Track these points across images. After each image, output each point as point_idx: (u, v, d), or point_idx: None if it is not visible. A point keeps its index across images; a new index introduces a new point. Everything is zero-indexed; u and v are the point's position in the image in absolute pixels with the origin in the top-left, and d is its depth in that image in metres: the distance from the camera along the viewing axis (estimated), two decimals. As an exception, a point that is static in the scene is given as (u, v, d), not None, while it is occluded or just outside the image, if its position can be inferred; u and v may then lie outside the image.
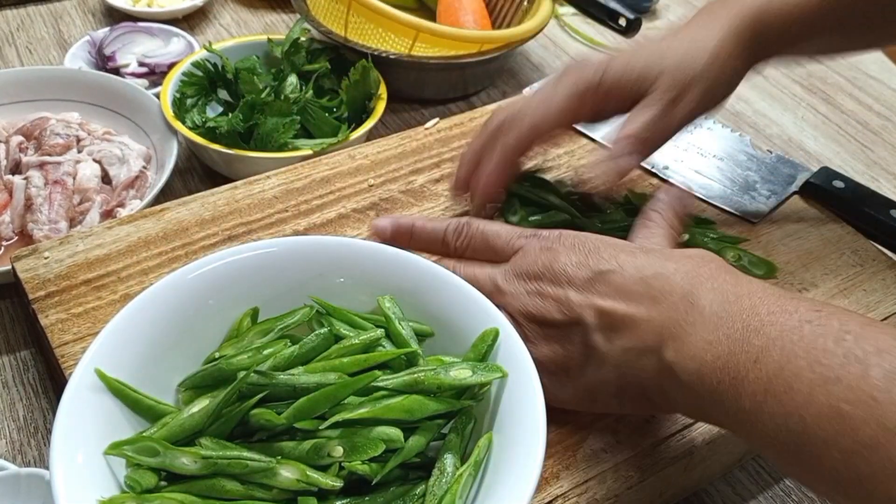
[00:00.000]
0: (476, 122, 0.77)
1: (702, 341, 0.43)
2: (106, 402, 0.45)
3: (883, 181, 0.87)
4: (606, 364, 0.47)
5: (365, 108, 0.83)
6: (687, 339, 0.43)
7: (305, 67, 0.86)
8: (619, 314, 0.46)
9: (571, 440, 0.52)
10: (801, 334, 0.40)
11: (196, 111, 0.81)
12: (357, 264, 0.52)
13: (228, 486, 0.43)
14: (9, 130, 0.78)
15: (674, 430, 0.53)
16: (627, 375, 0.47)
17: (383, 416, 0.45)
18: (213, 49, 0.84)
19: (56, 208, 0.71)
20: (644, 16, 1.10)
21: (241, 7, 1.06)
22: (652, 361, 0.45)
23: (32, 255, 0.61)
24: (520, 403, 0.45)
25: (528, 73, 1.00)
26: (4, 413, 0.60)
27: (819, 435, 0.38)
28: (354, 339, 0.49)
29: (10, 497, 0.51)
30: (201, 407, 0.45)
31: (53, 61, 0.95)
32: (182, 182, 0.80)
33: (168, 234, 0.63)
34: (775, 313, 0.42)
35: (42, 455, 0.58)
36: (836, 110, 0.97)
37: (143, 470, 0.43)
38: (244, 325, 0.51)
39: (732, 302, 0.43)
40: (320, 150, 0.75)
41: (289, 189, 0.68)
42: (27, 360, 0.64)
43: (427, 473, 0.45)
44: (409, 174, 0.71)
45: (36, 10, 1.03)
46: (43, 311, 0.57)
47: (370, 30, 0.87)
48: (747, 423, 0.41)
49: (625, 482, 0.50)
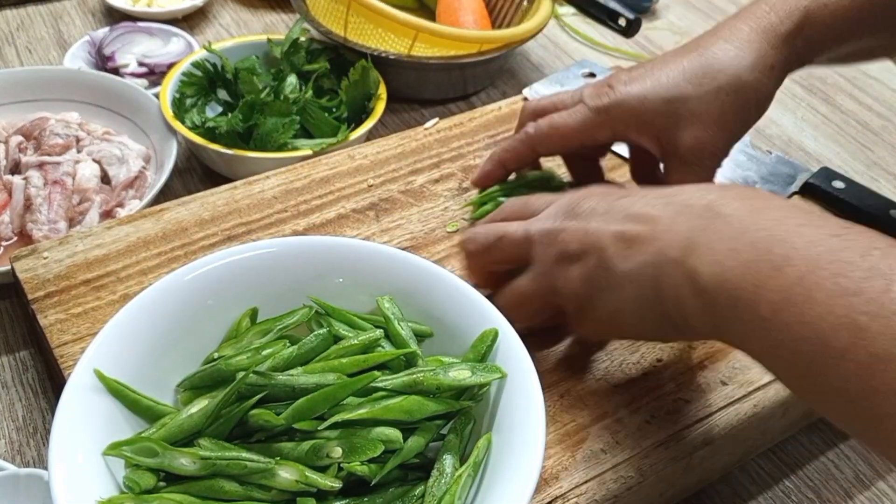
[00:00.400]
0: (476, 122, 0.77)
1: (725, 248, 0.42)
2: (105, 403, 0.45)
3: (883, 181, 0.87)
4: (626, 285, 0.47)
5: (364, 108, 0.83)
6: (711, 245, 0.43)
7: (305, 67, 0.86)
8: (635, 232, 0.47)
9: (571, 440, 0.52)
10: (827, 246, 0.39)
11: (196, 111, 0.81)
12: (356, 264, 0.52)
13: (227, 487, 0.43)
14: (8, 130, 0.78)
15: (674, 431, 0.53)
16: (647, 294, 0.46)
17: (382, 417, 0.45)
18: (212, 49, 0.84)
19: (55, 208, 0.71)
20: (644, 16, 1.10)
21: (241, 7, 1.06)
22: (672, 273, 0.45)
23: (32, 256, 0.61)
24: (519, 404, 0.45)
25: (527, 73, 1.00)
26: (3, 413, 0.60)
27: (834, 346, 0.37)
28: (353, 340, 0.49)
29: (10, 497, 0.51)
30: (200, 407, 0.45)
31: (53, 61, 0.95)
32: (181, 182, 0.80)
33: (167, 234, 0.63)
34: (803, 225, 0.41)
35: (41, 455, 0.58)
36: (836, 110, 0.97)
37: (141, 470, 0.43)
38: (243, 325, 0.51)
39: (759, 211, 0.43)
40: (320, 150, 0.75)
41: (288, 189, 0.68)
42: (26, 360, 0.64)
43: (426, 474, 0.45)
44: (409, 174, 0.71)
45: (36, 10, 1.03)
46: (42, 312, 0.57)
47: (370, 30, 0.87)
48: (762, 333, 0.41)
49: (624, 483, 0.50)
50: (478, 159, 0.72)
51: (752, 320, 0.41)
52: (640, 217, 0.47)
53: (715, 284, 0.42)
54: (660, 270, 0.45)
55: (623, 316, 0.48)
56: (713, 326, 0.44)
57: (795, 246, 0.40)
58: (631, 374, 0.56)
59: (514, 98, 0.81)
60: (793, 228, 0.41)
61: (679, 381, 0.56)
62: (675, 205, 0.46)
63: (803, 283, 0.39)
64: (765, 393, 0.56)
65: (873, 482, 0.60)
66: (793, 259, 0.40)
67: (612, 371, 0.56)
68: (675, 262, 0.44)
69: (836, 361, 0.38)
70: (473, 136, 0.75)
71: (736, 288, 0.41)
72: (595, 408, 0.54)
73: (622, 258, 0.47)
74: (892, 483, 0.60)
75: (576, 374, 0.56)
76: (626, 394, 0.55)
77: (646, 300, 0.47)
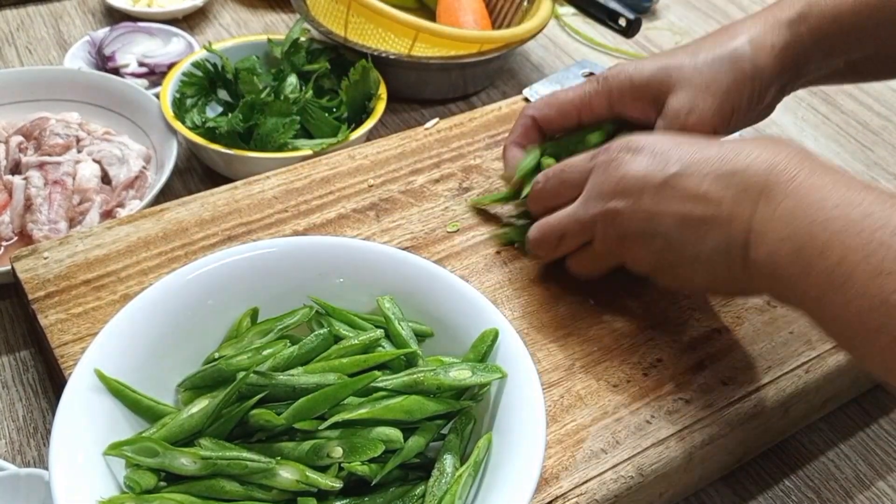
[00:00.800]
0: (476, 122, 0.77)
1: (776, 239, 0.45)
2: (105, 403, 0.45)
3: (883, 181, 0.87)
4: (696, 265, 0.50)
5: (365, 109, 0.83)
6: (764, 237, 0.46)
7: (305, 67, 0.86)
8: (699, 216, 0.49)
9: (571, 440, 0.52)
10: (861, 227, 0.42)
11: (196, 111, 0.81)
12: (357, 264, 0.52)
13: (228, 487, 0.43)
14: (9, 130, 0.78)
15: (672, 431, 0.53)
16: (717, 270, 0.49)
17: (383, 417, 0.45)
18: (212, 49, 0.84)
19: (56, 208, 0.71)
20: (644, 16, 1.10)
21: (241, 7, 1.06)
22: (738, 258, 0.48)
23: (32, 256, 0.61)
24: (519, 404, 0.45)
25: (527, 74, 1.00)
26: (4, 413, 0.60)
27: (870, 325, 0.41)
28: (354, 340, 0.49)
29: (10, 497, 0.51)
30: (201, 407, 0.45)
31: (53, 61, 0.95)
32: (182, 182, 0.80)
33: (168, 234, 0.63)
34: (840, 206, 0.43)
35: (42, 455, 0.58)
36: (836, 110, 0.97)
37: (142, 470, 0.43)
38: (244, 325, 0.51)
39: (803, 196, 0.45)
40: (320, 150, 0.75)
41: (288, 189, 0.68)
42: (27, 360, 0.64)
43: (427, 474, 0.45)
44: (409, 174, 0.71)
45: (36, 10, 1.03)
46: (42, 312, 0.57)
47: (370, 30, 0.87)
48: (815, 310, 0.45)
49: (625, 483, 0.50)
50: (478, 159, 0.73)
51: (804, 300, 0.45)
52: (700, 198, 0.49)
53: (771, 271, 0.46)
54: (726, 256, 0.48)
55: (698, 282, 0.52)
56: (776, 299, 0.50)
57: (833, 230, 0.43)
58: (631, 374, 0.56)
59: (514, 98, 0.81)
60: (831, 211, 0.43)
61: (679, 381, 0.56)
62: (734, 186, 0.47)
63: (842, 267, 0.42)
64: (765, 393, 0.56)
65: (873, 482, 0.60)
66: (832, 244, 0.42)
67: (612, 370, 0.56)
68: (739, 249, 0.47)
69: (873, 338, 0.41)
70: (474, 137, 0.75)
71: (790, 274, 0.45)
72: (595, 408, 0.54)
73: (690, 243, 0.50)
74: (892, 483, 0.60)
75: (576, 374, 0.56)
76: (626, 394, 0.55)
77: (720, 275, 0.50)
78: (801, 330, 0.60)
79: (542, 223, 0.58)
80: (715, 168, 0.49)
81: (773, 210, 0.45)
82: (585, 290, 0.61)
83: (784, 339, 0.59)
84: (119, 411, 0.45)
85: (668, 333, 0.59)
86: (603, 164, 0.54)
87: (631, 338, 0.59)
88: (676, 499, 0.57)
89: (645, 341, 0.58)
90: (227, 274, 0.51)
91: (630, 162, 0.52)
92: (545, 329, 0.59)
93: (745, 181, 0.47)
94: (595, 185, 0.54)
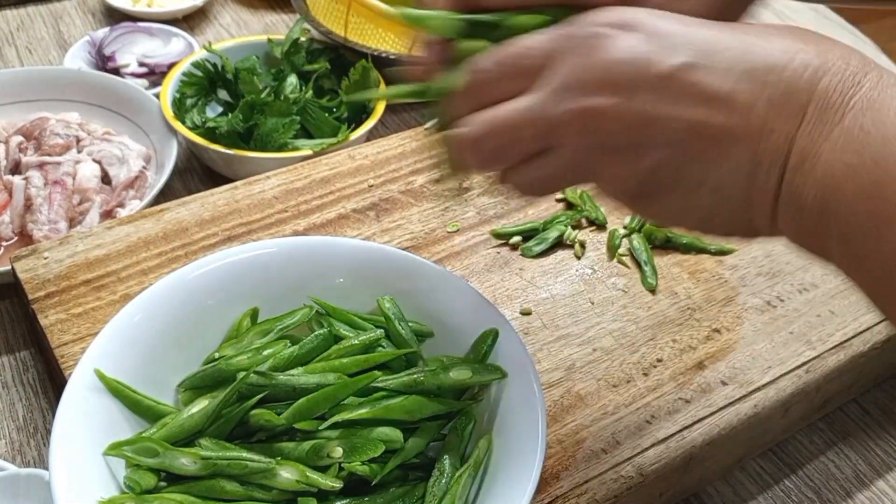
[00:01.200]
0: (476, 122, 0.77)
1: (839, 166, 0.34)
2: (105, 403, 0.45)
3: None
4: (704, 192, 0.37)
5: (365, 109, 0.83)
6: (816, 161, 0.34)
7: (305, 67, 0.86)
8: (717, 124, 0.35)
9: (571, 440, 0.52)
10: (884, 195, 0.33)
11: (196, 111, 0.81)
12: (357, 264, 0.52)
13: (228, 487, 0.43)
14: (9, 130, 0.78)
15: (674, 430, 0.53)
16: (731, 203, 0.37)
17: (383, 417, 0.45)
18: (212, 49, 0.84)
19: (56, 208, 0.71)
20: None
21: (241, 7, 1.06)
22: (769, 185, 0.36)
23: (32, 256, 0.61)
24: (520, 404, 0.45)
25: (528, 74, 1.00)
26: (4, 413, 0.60)
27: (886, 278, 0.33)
28: (354, 340, 0.49)
29: (10, 497, 0.51)
30: (201, 407, 0.45)
31: (53, 61, 0.95)
32: (182, 182, 0.80)
33: (168, 234, 0.63)
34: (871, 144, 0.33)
35: (42, 455, 0.58)
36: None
37: (142, 470, 0.43)
38: (244, 325, 0.51)
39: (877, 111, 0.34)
40: (320, 150, 0.75)
41: (288, 189, 0.68)
42: (27, 360, 0.64)
43: (427, 474, 0.45)
44: (409, 174, 0.71)
45: (36, 10, 1.03)
46: (42, 312, 0.57)
47: (370, 30, 0.87)
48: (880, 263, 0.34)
49: (624, 483, 0.50)
50: (478, 159, 0.72)
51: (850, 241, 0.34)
52: (720, 101, 0.35)
53: (820, 206, 0.34)
54: (746, 184, 0.36)
55: (691, 216, 0.39)
56: (800, 237, 0.37)
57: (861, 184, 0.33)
58: (631, 374, 0.56)
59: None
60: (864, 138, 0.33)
61: (679, 381, 0.56)
62: (770, 87, 0.35)
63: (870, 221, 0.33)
64: (765, 393, 0.56)
65: (873, 482, 0.60)
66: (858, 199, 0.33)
67: (612, 371, 0.56)
68: (768, 176, 0.35)
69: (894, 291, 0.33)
70: (473, 137, 0.75)
71: (850, 213, 0.34)
72: (595, 408, 0.54)
73: (703, 162, 0.36)
74: (892, 483, 0.60)
75: (576, 374, 0.56)
76: (626, 394, 0.55)
77: (727, 207, 0.37)
78: (801, 330, 0.60)
79: (488, 117, 0.39)
80: (742, 61, 0.35)
81: (831, 127, 0.34)
82: (585, 290, 0.61)
83: (784, 339, 0.59)
84: (119, 411, 0.45)
85: (668, 333, 0.59)
86: (579, 42, 0.37)
87: (631, 338, 0.59)
88: (676, 499, 0.57)
89: (645, 341, 0.58)
90: (227, 274, 0.51)
91: (620, 43, 0.36)
92: (545, 329, 0.59)
93: (787, 83, 0.34)
94: (568, 72, 0.37)
